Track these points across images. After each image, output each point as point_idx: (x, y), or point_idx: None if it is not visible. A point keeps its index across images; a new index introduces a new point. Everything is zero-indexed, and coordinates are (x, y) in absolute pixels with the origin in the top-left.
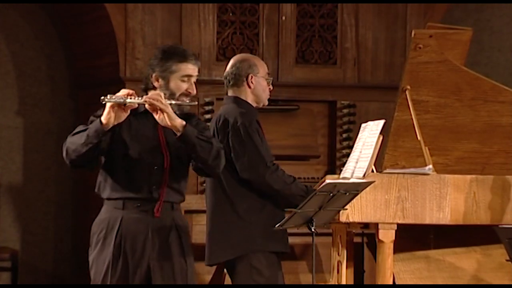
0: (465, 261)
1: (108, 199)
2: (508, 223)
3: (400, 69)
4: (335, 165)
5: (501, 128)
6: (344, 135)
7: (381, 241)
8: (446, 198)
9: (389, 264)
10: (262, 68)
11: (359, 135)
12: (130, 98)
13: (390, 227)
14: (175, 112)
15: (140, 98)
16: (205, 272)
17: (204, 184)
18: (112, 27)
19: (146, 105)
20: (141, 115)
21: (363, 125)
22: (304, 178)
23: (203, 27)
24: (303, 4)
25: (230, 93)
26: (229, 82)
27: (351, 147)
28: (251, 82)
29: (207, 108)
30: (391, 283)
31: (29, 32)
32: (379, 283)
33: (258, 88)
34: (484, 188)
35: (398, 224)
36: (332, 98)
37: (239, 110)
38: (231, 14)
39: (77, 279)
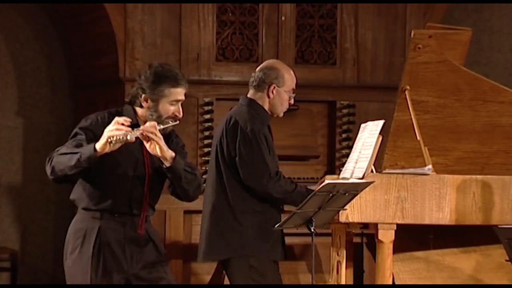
0: (464, 261)
1: (85, 209)
2: (508, 223)
3: (399, 69)
4: (334, 165)
5: (501, 128)
6: (344, 135)
7: (381, 241)
8: (446, 198)
9: (389, 264)
10: (288, 82)
11: (359, 135)
12: (130, 134)
13: (390, 227)
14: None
15: (137, 130)
16: (205, 273)
17: (204, 184)
18: (111, 27)
19: (139, 135)
20: (130, 127)
21: (362, 125)
22: (304, 178)
23: (202, 27)
24: (302, 4)
25: (249, 94)
26: (253, 83)
27: (350, 147)
28: (272, 92)
29: (206, 108)
30: (390, 283)
31: (29, 33)
32: (378, 283)
33: (277, 100)
34: (483, 188)
35: (398, 224)
36: (331, 98)
37: (251, 114)
38: (230, 14)
39: None
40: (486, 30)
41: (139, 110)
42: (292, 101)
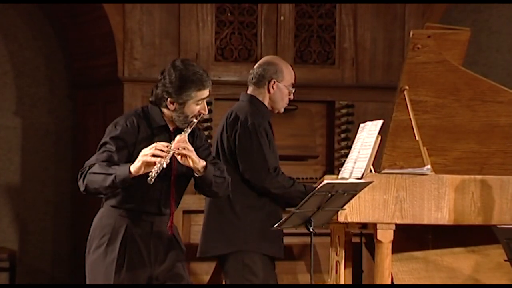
0: (463, 261)
1: (114, 206)
2: (507, 223)
3: (398, 69)
4: (333, 165)
5: (499, 128)
6: (343, 135)
7: (380, 241)
8: (445, 198)
9: (387, 264)
10: (288, 77)
11: (358, 135)
12: (165, 161)
13: (389, 227)
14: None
15: (171, 152)
16: (203, 272)
17: None
18: (110, 27)
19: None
20: (159, 128)
21: (361, 125)
22: (303, 178)
23: (201, 27)
24: (301, 4)
25: (249, 90)
26: (252, 80)
27: (349, 147)
28: (272, 87)
29: None
30: (389, 283)
31: (28, 33)
32: (377, 283)
33: (277, 95)
34: (482, 188)
35: (397, 224)
36: (330, 98)
37: (252, 109)
38: (229, 14)
39: (76, 280)
40: (484, 30)
41: (165, 111)
42: (292, 96)
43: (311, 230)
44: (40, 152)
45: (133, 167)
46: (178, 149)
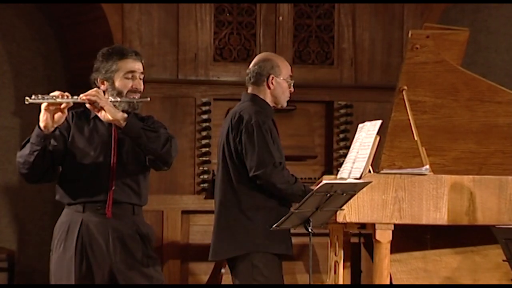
0: (462, 262)
1: (69, 204)
2: (505, 223)
3: (397, 69)
4: (332, 165)
5: (498, 129)
6: (341, 136)
7: (378, 242)
8: (443, 199)
9: (386, 265)
10: (285, 70)
11: (356, 136)
12: (69, 99)
13: (387, 228)
14: (127, 111)
15: (76, 97)
16: (202, 273)
17: (202, 185)
18: (109, 28)
19: (87, 105)
20: (94, 119)
21: (360, 125)
22: (301, 179)
23: (200, 28)
24: (300, 5)
25: (249, 90)
26: (250, 80)
27: (348, 148)
28: (271, 83)
29: (204, 108)
30: (388, 283)
31: (26, 33)
32: (376, 284)
33: (278, 90)
34: (481, 189)
35: (395, 225)
36: (329, 98)
37: (255, 108)
38: (228, 15)
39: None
40: (483, 30)
41: None
42: (292, 89)
43: (310, 230)
44: None
45: (40, 119)
46: (89, 95)
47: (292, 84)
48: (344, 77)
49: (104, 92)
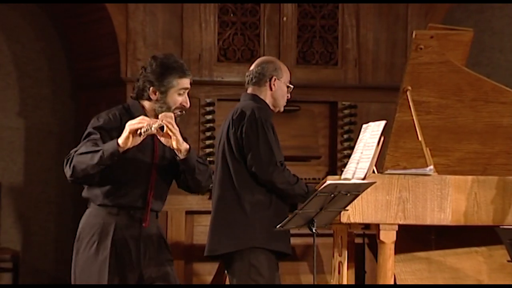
0: (466, 262)
1: (101, 205)
2: (510, 223)
3: (401, 69)
4: (336, 166)
5: (502, 129)
6: (345, 136)
7: (382, 242)
8: (447, 199)
9: (390, 265)
10: (286, 74)
11: (360, 136)
12: (153, 125)
13: (391, 228)
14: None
15: (160, 122)
16: (206, 273)
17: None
18: (113, 28)
19: (154, 128)
20: None
21: (364, 126)
22: (305, 179)
23: (204, 28)
24: (304, 5)
25: (249, 91)
26: (252, 80)
27: (352, 148)
28: (273, 84)
29: (208, 109)
30: (392, 284)
31: (30, 33)
32: (380, 284)
33: (278, 93)
34: (485, 189)
35: (399, 225)
36: (333, 99)
37: (257, 105)
38: (232, 15)
39: None
40: (487, 30)
41: (146, 104)
42: (289, 96)
43: (313, 230)
44: (43, 153)
45: (121, 139)
46: (166, 121)
47: (290, 90)
48: (348, 77)
49: (151, 100)
